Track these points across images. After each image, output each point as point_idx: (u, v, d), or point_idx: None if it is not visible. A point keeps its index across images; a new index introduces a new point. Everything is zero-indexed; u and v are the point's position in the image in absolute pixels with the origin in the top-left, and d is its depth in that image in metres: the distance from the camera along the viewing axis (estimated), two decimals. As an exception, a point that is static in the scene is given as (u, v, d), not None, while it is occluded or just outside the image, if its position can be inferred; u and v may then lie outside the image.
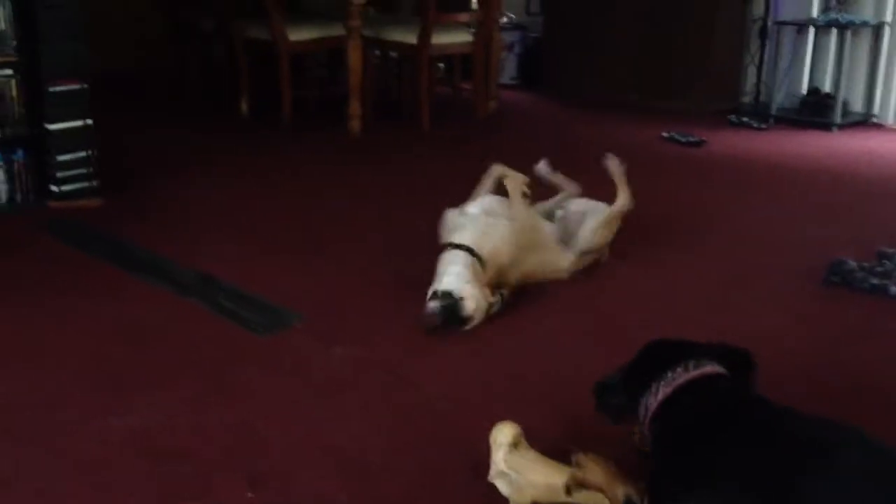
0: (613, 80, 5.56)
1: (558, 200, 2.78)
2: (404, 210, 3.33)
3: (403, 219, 3.22)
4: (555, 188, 2.81)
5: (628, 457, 1.52)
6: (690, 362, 1.44)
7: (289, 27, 4.52)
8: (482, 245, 2.35)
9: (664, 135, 4.61)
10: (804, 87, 5.19)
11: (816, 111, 4.96)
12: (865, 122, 5.02)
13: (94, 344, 2.16)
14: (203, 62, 5.40)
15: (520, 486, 1.51)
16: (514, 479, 1.52)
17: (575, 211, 2.67)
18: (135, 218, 3.16)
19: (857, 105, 5.06)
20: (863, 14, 4.91)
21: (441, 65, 5.61)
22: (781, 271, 2.72)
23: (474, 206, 2.55)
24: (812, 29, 5.08)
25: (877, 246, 2.79)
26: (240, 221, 3.17)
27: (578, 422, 1.61)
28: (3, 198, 3.17)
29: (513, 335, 2.24)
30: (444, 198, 2.69)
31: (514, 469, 1.52)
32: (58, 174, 3.19)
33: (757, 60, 5.26)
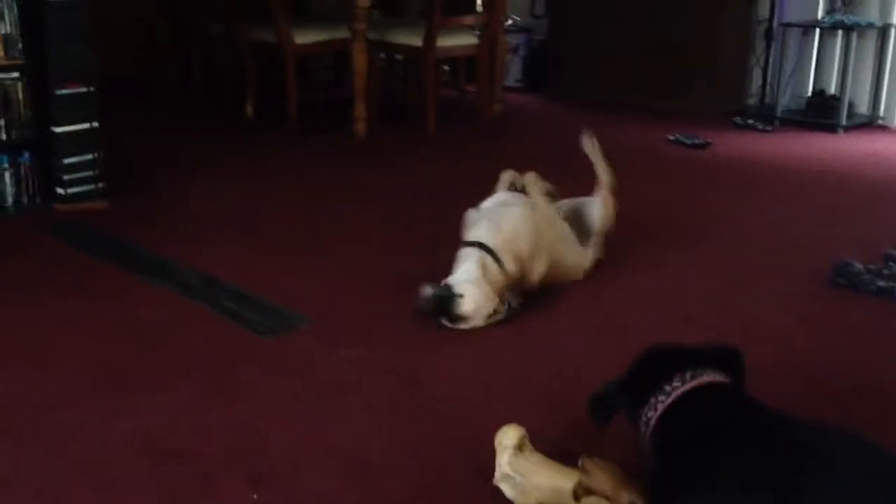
0: (618, 83, 5.56)
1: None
2: (409, 212, 3.34)
3: (408, 221, 3.23)
4: (591, 166, 2.72)
5: (632, 460, 1.51)
6: (688, 373, 1.44)
7: (294, 30, 4.53)
8: (496, 236, 2.33)
9: (669, 137, 4.61)
10: (809, 89, 5.18)
11: (822, 113, 4.95)
12: (871, 123, 5.00)
13: (97, 344, 2.16)
14: (208, 65, 5.42)
15: (524, 489, 1.51)
16: (518, 483, 1.51)
17: (568, 209, 2.66)
18: (140, 220, 3.17)
19: (862, 107, 5.04)
20: (868, 16, 4.90)
21: (446, 67, 5.62)
22: (787, 273, 2.71)
23: (488, 201, 2.53)
24: (817, 30, 5.07)
25: (883, 248, 2.78)
26: (244, 223, 3.18)
27: (582, 423, 1.61)
28: (10, 200, 3.18)
29: (516, 336, 2.23)
30: (449, 200, 2.70)
31: (519, 472, 1.52)
32: (64, 177, 3.21)
33: (762, 62, 5.25)
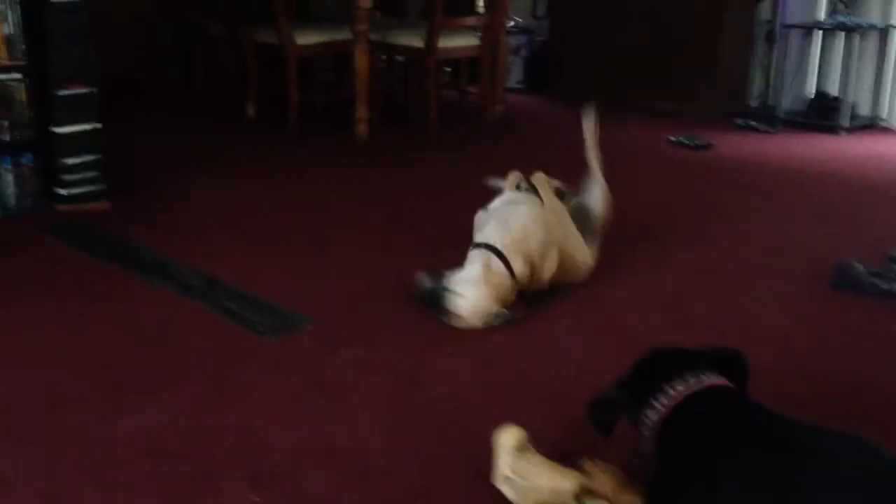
0: (620, 84, 5.56)
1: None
2: (410, 213, 3.34)
3: (409, 222, 3.23)
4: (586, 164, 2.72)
5: (633, 461, 1.51)
6: (690, 376, 1.43)
7: (296, 31, 4.53)
8: (504, 237, 2.32)
9: (671, 138, 4.61)
10: (811, 91, 5.18)
11: (824, 115, 4.95)
12: (873, 125, 5.00)
13: (98, 344, 2.16)
14: (209, 66, 5.43)
15: (524, 490, 1.50)
16: (518, 484, 1.51)
17: (572, 206, 2.64)
18: (141, 220, 3.17)
19: (864, 108, 5.04)
20: (870, 17, 4.89)
21: (447, 69, 5.62)
22: (788, 273, 2.71)
23: (496, 201, 2.53)
24: (819, 32, 5.07)
25: (884, 249, 2.77)
26: (246, 224, 3.18)
27: (582, 424, 1.61)
28: (12, 201, 3.18)
29: (516, 336, 2.23)
30: (451, 201, 2.70)
31: (519, 474, 1.51)
32: (65, 178, 3.21)
33: (764, 63, 5.25)
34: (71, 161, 3.21)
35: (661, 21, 5.39)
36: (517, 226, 2.36)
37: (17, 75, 3.10)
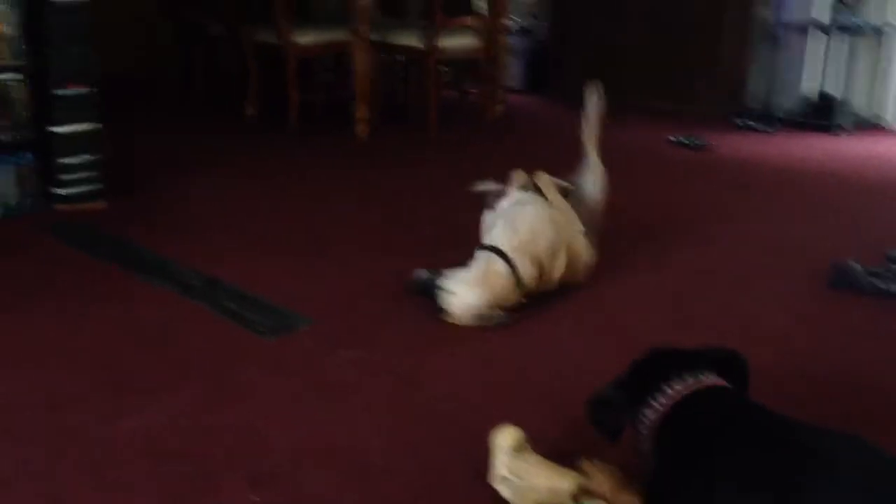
0: (619, 84, 5.54)
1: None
2: (410, 213, 3.34)
3: (409, 221, 3.23)
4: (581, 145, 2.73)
5: (631, 461, 1.51)
6: (688, 375, 1.44)
7: (296, 31, 4.53)
8: (512, 239, 2.33)
9: (671, 138, 4.61)
10: (810, 91, 5.18)
11: (822, 114, 4.96)
12: (872, 125, 5.01)
13: (98, 345, 2.17)
14: (209, 66, 5.43)
15: (522, 490, 1.50)
16: (515, 484, 1.51)
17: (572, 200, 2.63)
18: (140, 220, 3.17)
19: (863, 109, 5.04)
20: (870, 17, 4.90)
21: (447, 69, 5.62)
22: (787, 273, 2.71)
23: (504, 201, 2.52)
24: (818, 32, 5.07)
25: (883, 249, 2.78)
26: (245, 224, 3.18)
27: (582, 424, 1.61)
28: (11, 201, 3.18)
29: (516, 336, 2.23)
30: (451, 201, 2.70)
31: (516, 474, 1.51)
32: (64, 177, 3.21)
33: (763, 64, 5.25)
34: (70, 161, 3.21)
35: (660, 21, 5.40)
36: (525, 227, 2.36)
37: (17, 75, 3.10)
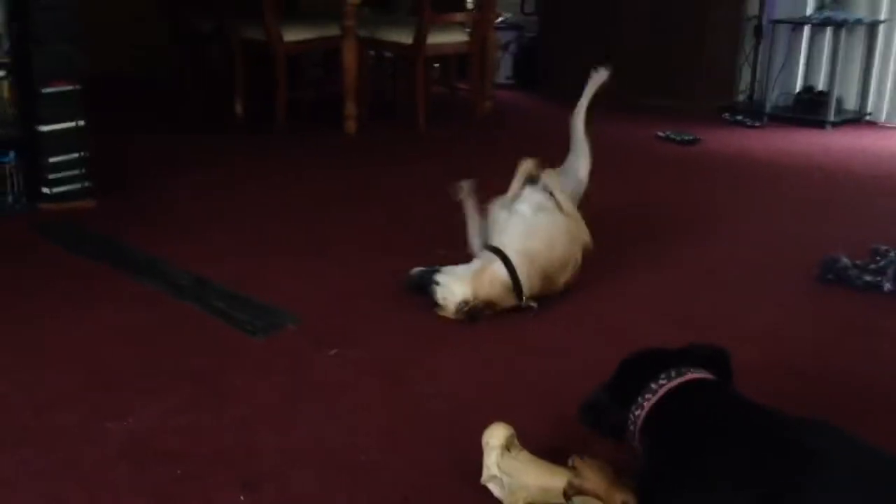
0: (608, 79, 5.56)
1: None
2: (401, 210, 3.33)
3: (400, 219, 3.22)
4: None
5: (623, 459, 1.51)
6: (672, 371, 1.45)
7: (284, 28, 4.51)
8: (525, 246, 2.30)
9: (660, 133, 4.62)
10: (798, 85, 5.20)
11: (810, 109, 4.97)
12: (859, 119, 5.03)
13: (87, 345, 2.15)
14: (199, 64, 5.39)
15: (512, 488, 1.50)
16: (506, 483, 1.51)
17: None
18: (129, 219, 3.15)
19: (850, 103, 5.07)
20: (857, 12, 4.92)
21: (436, 65, 5.61)
22: (776, 268, 2.72)
23: (524, 203, 2.43)
24: (806, 27, 5.09)
25: (870, 243, 2.79)
26: (234, 222, 3.16)
27: (573, 422, 1.61)
28: (-2, 200, 3.16)
29: (508, 334, 2.23)
30: (440, 197, 2.69)
31: (507, 472, 1.51)
32: (50, 176, 3.19)
33: (751, 58, 5.27)
34: (55, 159, 3.18)
35: (649, 17, 5.40)
36: (542, 238, 2.33)
37: (1, 72, 3.07)
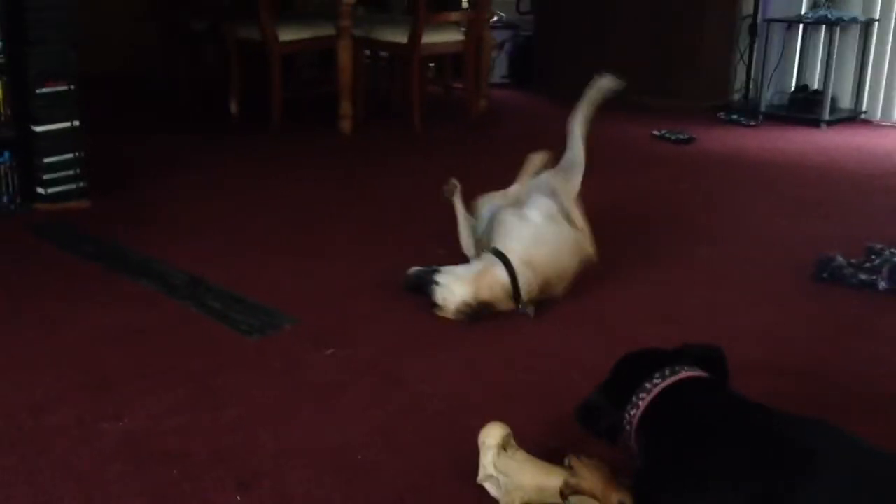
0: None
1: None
2: (396, 210, 3.33)
3: (395, 219, 3.22)
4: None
5: (620, 458, 1.52)
6: (667, 369, 1.45)
7: (279, 27, 4.50)
8: (530, 254, 2.30)
9: (655, 132, 4.62)
10: (793, 84, 5.21)
11: (805, 108, 4.98)
12: (854, 118, 5.04)
13: (83, 346, 2.15)
14: (194, 63, 5.38)
15: (508, 488, 1.50)
16: (502, 482, 1.51)
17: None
18: (123, 219, 3.15)
19: (845, 101, 5.07)
20: (852, 10, 4.93)
21: (431, 64, 5.61)
22: (772, 267, 2.73)
23: (535, 209, 2.42)
24: (801, 25, 5.09)
25: (865, 241, 2.80)
26: (229, 223, 3.16)
27: (570, 421, 1.61)
28: (-7, 200, 3.15)
29: (504, 335, 2.23)
30: (436, 197, 2.69)
31: (503, 471, 1.51)
32: (45, 176, 3.18)
33: (746, 57, 5.28)
34: (50, 160, 3.17)
35: (644, 15, 5.40)
36: (549, 248, 2.34)
37: (-4, 73, 3.07)
